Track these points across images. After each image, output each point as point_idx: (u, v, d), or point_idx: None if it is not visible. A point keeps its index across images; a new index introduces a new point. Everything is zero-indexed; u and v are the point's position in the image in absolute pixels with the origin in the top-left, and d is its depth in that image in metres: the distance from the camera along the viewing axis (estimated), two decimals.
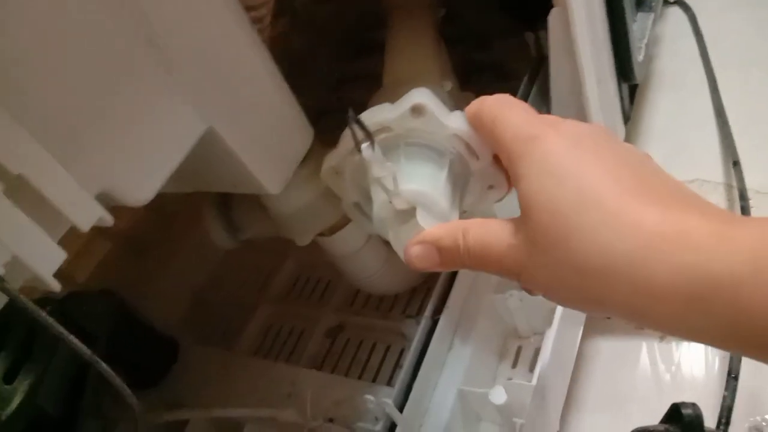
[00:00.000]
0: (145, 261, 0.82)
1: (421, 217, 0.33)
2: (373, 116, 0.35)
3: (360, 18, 1.02)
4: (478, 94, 0.75)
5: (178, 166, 0.40)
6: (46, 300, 0.65)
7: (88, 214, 0.31)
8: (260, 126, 0.45)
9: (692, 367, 0.68)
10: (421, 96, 0.35)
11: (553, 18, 0.54)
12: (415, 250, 0.32)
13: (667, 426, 0.29)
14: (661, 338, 0.70)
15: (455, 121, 0.34)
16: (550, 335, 0.57)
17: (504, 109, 0.31)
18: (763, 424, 0.60)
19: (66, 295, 0.68)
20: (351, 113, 0.34)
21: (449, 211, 0.34)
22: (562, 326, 0.58)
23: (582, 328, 0.66)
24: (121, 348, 0.67)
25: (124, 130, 0.35)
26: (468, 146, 0.35)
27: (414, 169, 0.35)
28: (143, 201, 0.37)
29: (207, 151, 0.42)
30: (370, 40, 0.99)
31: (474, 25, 0.95)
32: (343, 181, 0.39)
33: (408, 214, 0.33)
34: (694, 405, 0.27)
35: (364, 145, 0.33)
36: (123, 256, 0.81)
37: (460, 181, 0.36)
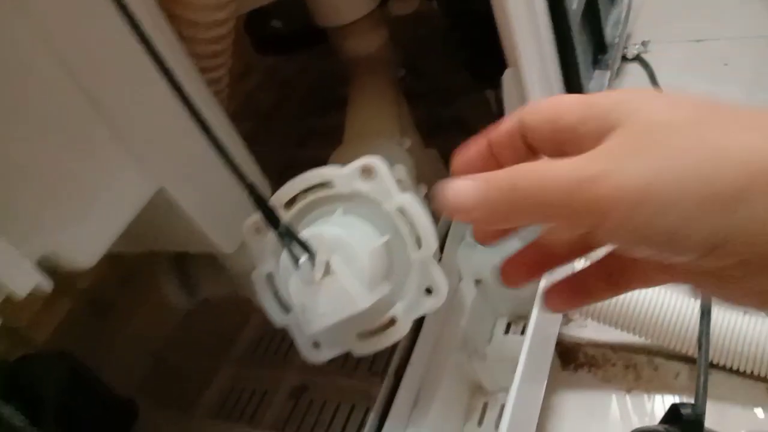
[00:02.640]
0: (105, 320, 0.80)
1: (337, 264, 0.28)
2: (320, 172, 0.33)
3: (323, 76, 1.04)
4: (441, 149, 0.77)
5: (128, 226, 0.39)
6: None
7: (25, 281, 0.31)
8: (214, 185, 0.45)
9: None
10: (374, 159, 0.32)
11: (507, 78, 0.55)
12: (459, 183, 0.23)
13: (666, 426, 0.28)
14: (629, 390, 0.70)
15: (405, 197, 0.31)
16: (512, 392, 0.56)
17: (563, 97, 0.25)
18: None
19: (18, 358, 0.66)
20: (282, 227, 0.30)
21: (369, 280, 0.29)
22: (524, 381, 0.58)
23: (545, 382, 0.66)
24: (76, 412, 0.65)
25: (65, 193, 0.35)
26: (412, 228, 0.31)
27: (347, 223, 0.31)
28: (88, 265, 0.36)
29: (159, 211, 0.42)
30: (334, 96, 1.01)
31: (437, 82, 0.97)
32: (263, 243, 0.36)
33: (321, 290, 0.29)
34: (693, 405, 0.26)
35: (302, 260, 0.29)
36: (83, 316, 0.79)
37: (394, 273, 0.32)
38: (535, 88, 0.56)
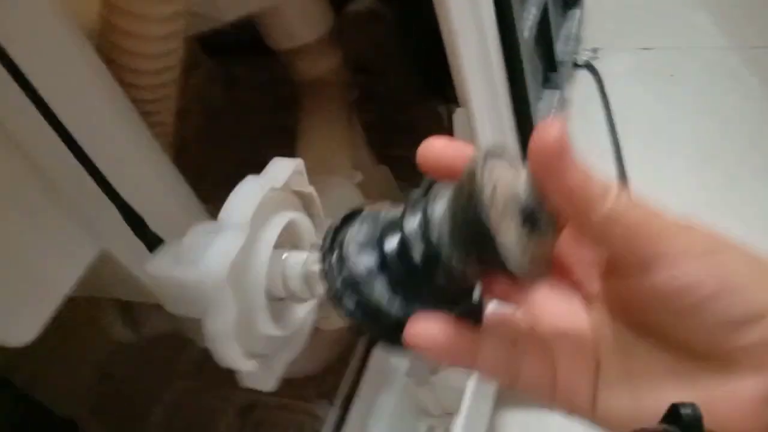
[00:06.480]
0: (46, 341, 0.78)
1: None
2: None
3: (274, 74, 1.02)
4: (393, 155, 0.76)
5: None
6: None
7: None
8: None
9: None
10: None
11: (457, 118, 0.55)
12: None
13: (666, 426, 0.29)
14: None
15: None
16: (461, 415, 0.58)
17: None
18: None
19: None
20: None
21: None
22: (472, 404, 0.59)
23: (492, 402, 0.68)
24: None
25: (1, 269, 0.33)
26: None
27: None
28: (25, 342, 0.35)
29: (102, 270, 0.41)
30: (285, 95, 0.98)
31: (391, 85, 0.96)
32: None
33: None
34: (693, 405, 0.26)
35: None
36: None
37: None
38: (485, 127, 0.56)
